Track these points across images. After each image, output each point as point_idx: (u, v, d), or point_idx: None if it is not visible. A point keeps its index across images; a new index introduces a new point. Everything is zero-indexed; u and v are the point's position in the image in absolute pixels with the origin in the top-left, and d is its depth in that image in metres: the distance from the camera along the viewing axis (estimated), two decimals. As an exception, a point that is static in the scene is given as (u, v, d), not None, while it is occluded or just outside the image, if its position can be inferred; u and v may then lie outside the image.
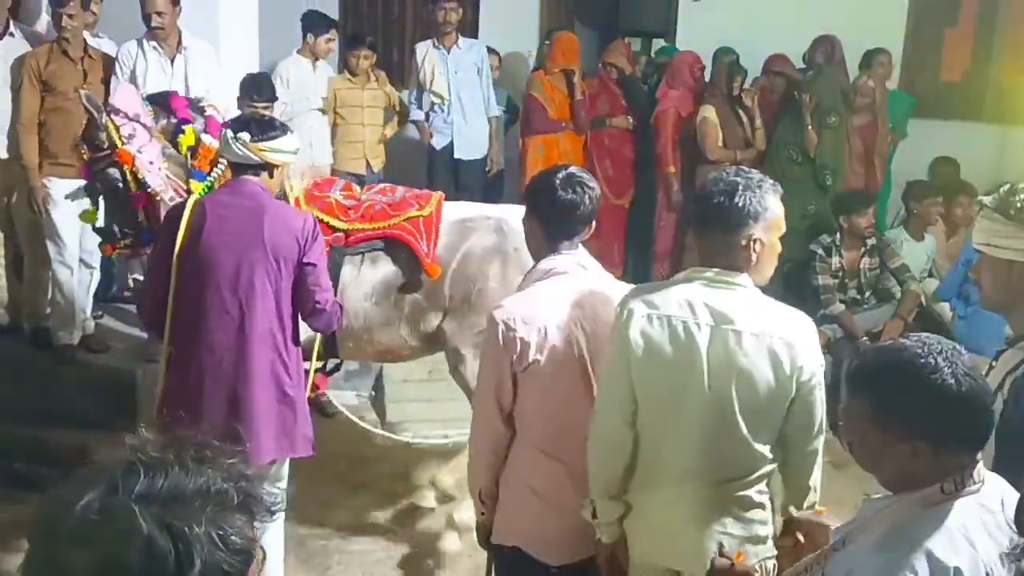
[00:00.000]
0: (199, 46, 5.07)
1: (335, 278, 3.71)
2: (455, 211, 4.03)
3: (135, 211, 3.67)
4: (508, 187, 6.77)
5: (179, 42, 4.99)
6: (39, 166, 4.81)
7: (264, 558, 1.14)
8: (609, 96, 6.64)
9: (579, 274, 2.66)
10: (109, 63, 5.00)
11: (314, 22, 6.01)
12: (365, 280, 3.84)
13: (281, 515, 3.56)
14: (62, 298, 5.02)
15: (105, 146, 3.57)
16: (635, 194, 6.75)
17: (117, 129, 3.56)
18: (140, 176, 3.58)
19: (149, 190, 3.61)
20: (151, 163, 3.60)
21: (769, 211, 2.38)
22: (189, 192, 3.64)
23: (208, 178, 3.68)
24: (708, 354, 2.35)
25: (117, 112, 3.58)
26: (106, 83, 4.94)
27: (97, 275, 5.16)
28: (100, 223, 3.81)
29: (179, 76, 5.00)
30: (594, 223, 2.69)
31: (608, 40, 9.39)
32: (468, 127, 6.29)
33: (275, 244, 3.22)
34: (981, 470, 1.75)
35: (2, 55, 4.94)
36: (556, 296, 2.61)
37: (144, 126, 3.62)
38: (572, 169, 2.70)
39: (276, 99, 5.21)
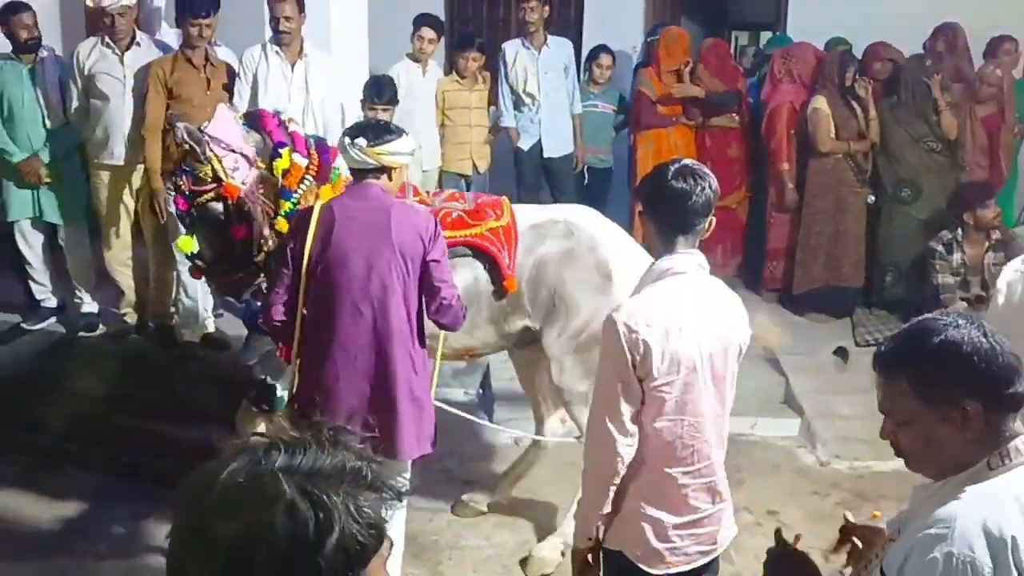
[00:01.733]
0: (318, 55, 5.21)
1: None
2: (524, 216, 4.06)
3: (234, 242, 3.66)
4: (617, 186, 6.73)
5: (300, 48, 5.14)
6: (163, 171, 5.00)
7: (392, 546, 1.17)
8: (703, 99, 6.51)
9: (698, 275, 2.58)
10: (229, 70, 5.19)
11: (417, 21, 6.09)
12: None
13: (404, 509, 3.66)
14: (186, 297, 5.24)
15: (210, 179, 3.52)
16: (747, 192, 6.64)
17: (220, 161, 3.53)
18: (245, 209, 3.57)
19: (254, 223, 3.60)
20: (252, 192, 3.61)
21: None
22: (277, 212, 3.67)
23: (294, 196, 3.71)
24: None
25: (218, 142, 3.55)
26: (228, 90, 5.14)
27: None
28: (195, 249, 3.78)
29: (299, 82, 5.15)
30: (713, 220, 2.60)
31: (714, 34, 9.30)
32: (555, 125, 6.31)
33: (402, 242, 3.28)
34: (1023, 442, 1.75)
35: (129, 64, 5.16)
36: (676, 298, 2.53)
37: (244, 156, 3.61)
38: (686, 161, 2.62)
39: (397, 102, 5.27)
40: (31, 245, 5.68)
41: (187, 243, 3.72)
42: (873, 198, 6.19)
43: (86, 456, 4.94)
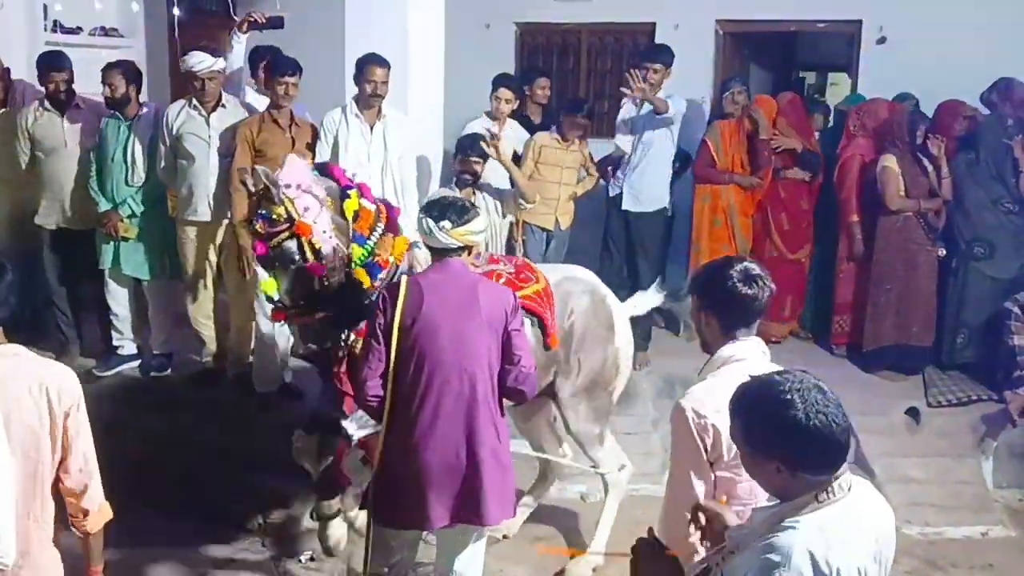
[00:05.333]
0: (395, 115, 5.38)
1: None
2: (548, 276, 4.32)
3: (311, 280, 3.77)
4: (677, 234, 6.74)
5: (379, 110, 5.31)
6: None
7: None
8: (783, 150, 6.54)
9: (760, 360, 2.65)
10: (313, 131, 5.37)
11: (496, 82, 6.22)
12: None
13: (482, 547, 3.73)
14: (265, 349, 5.39)
15: (283, 220, 3.66)
16: (814, 246, 6.63)
17: (292, 202, 3.66)
18: (317, 246, 3.69)
19: (324, 260, 3.72)
20: (324, 232, 3.73)
21: None
22: (350, 259, 3.80)
23: (368, 242, 3.82)
24: None
25: (289, 185, 3.68)
26: (311, 149, 5.32)
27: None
28: (277, 291, 3.88)
29: (378, 143, 5.32)
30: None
31: (783, 80, 9.30)
32: (640, 180, 6.26)
33: (490, 314, 3.42)
34: (847, 479, 2.04)
35: (215, 125, 5.38)
36: (740, 382, 2.53)
37: (315, 196, 3.74)
38: (747, 264, 2.71)
39: (487, 156, 5.43)
40: (113, 293, 5.91)
41: (269, 285, 3.86)
42: (944, 251, 6.14)
43: (164, 500, 5.10)
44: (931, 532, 5.11)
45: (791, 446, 1.98)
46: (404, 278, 3.52)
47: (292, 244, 3.66)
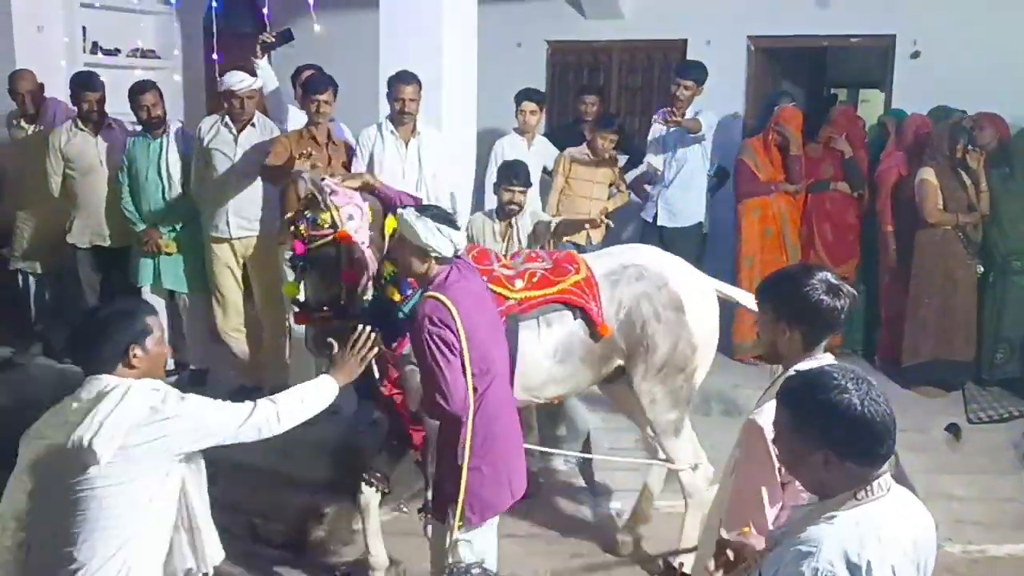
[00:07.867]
0: (430, 132, 5.40)
1: (513, 343, 3.93)
2: (596, 266, 4.30)
3: (339, 288, 3.84)
4: (717, 250, 6.71)
5: (414, 127, 5.34)
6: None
7: None
8: (833, 161, 6.52)
9: None
10: (348, 149, 5.41)
11: (519, 96, 6.25)
12: (547, 341, 4.13)
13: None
14: (300, 362, 5.41)
15: (327, 225, 3.74)
16: (864, 262, 6.61)
17: (339, 210, 3.75)
18: (356, 256, 3.79)
19: (357, 269, 3.81)
20: (363, 243, 3.83)
21: None
22: (380, 274, 3.88)
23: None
24: None
25: (335, 193, 3.78)
26: (347, 168, 5.34)
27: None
28: (302, 297, 3.96)
29: (412, 159, 5.34)
30: None
31: (815, 96, 9.25)
32: (675, 196, 6.29)
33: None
34: (887, 480, 2.05)
35: (242, 143, 5.42)
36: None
37: (359, 207, 3.84)
38: (826, 273, 2.64)
39: (531, 184, 5.30)
40: None
41: (292, 288, 3.97)
42: (982, 268, 6.08)
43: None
44: (974, 550, 5.00)
45: (843, 431, 1.97)
46: (444, 297, 3.37)
47: (332, 250, 3.75)
